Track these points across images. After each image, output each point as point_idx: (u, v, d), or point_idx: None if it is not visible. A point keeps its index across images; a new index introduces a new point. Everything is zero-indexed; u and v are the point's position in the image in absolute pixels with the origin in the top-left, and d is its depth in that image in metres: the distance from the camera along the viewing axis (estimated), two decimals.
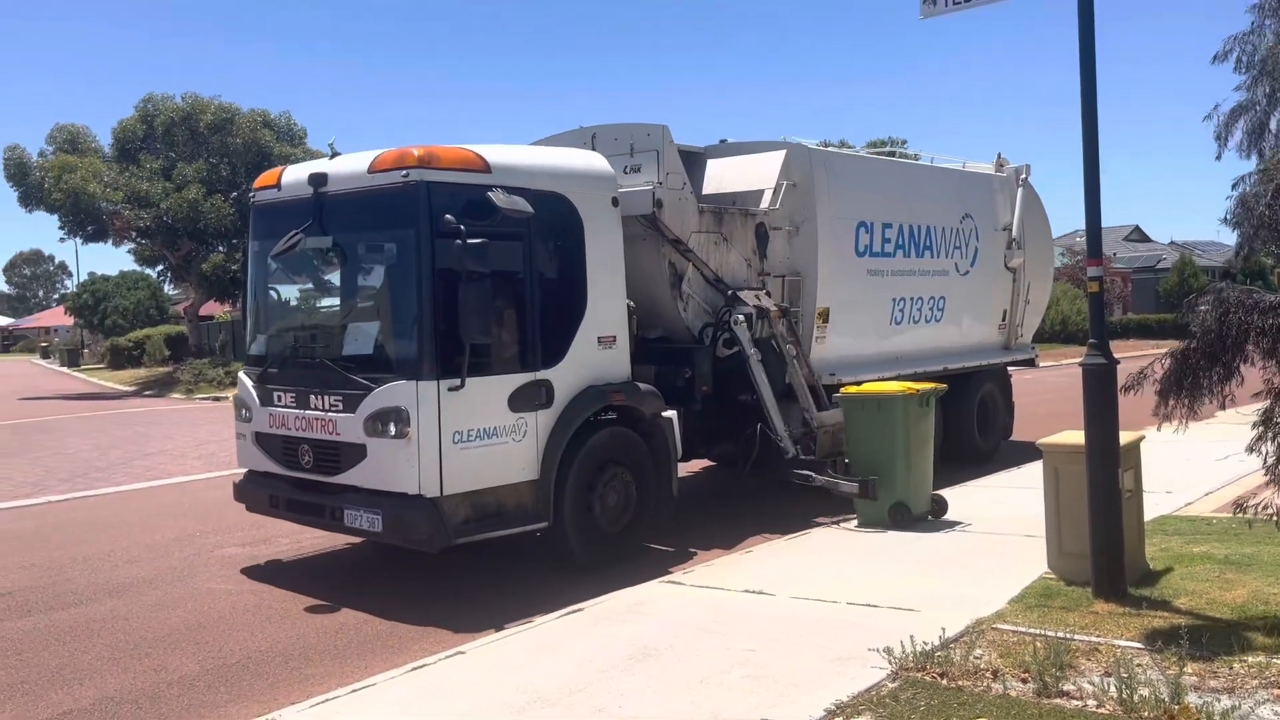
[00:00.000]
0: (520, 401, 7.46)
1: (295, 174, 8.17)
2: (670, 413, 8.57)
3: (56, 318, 78.22)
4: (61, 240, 35.20)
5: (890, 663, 5.26)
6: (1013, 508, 9.15)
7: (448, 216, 7.00)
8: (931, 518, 8.94)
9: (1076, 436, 6.54)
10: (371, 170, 7.38)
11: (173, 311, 52.28)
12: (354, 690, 5.44)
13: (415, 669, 5.73)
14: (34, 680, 6.12)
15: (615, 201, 8.33)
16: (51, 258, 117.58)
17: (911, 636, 5.42)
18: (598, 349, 8.07)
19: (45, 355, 63.88)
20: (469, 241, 6.88)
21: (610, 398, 8.08)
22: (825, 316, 10.27)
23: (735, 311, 9.33)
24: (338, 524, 7.54)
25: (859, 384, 9.87)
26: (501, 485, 7.40)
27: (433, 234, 7.04)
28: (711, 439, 9.81)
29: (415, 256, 7.15)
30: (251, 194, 8.70)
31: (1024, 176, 13.07)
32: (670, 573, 7.70)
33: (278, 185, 8.28)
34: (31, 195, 33.36)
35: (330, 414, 7.47)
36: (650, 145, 9.34)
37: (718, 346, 9.46)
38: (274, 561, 8.80)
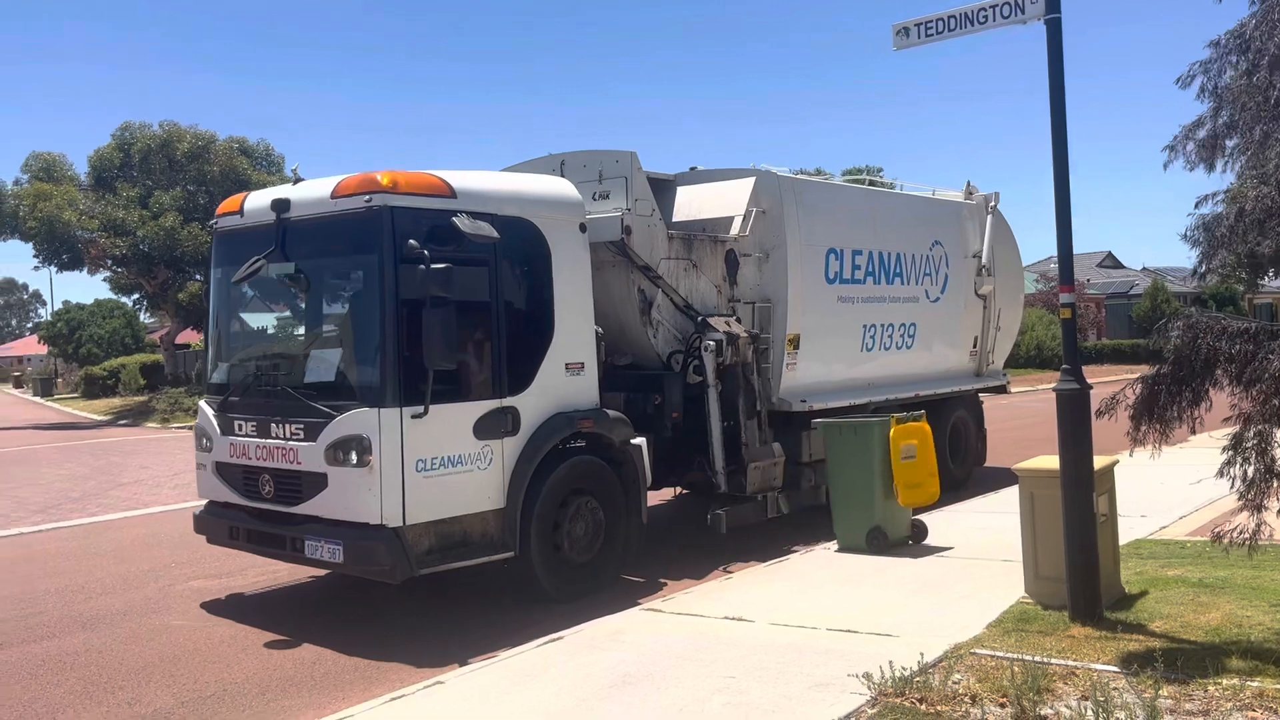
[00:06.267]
0: (486, 429, 7.36)
1: (258, 200, 8.07)
2: (640, 440, 8.46)
3: (30, 347, 77.44)
4: (36, 269, 35.15)
5: (869, 689, 5.27)
6: (989, 533, 9.20)
7: (411, 242, 6.92)
8: (911, 542, 8.97)
9: (1051, 461, 6.60)
10: (335, 195, 7.29)
11: (148, 340, 51.92)
12: None
13: (394, 699, 5.69)
14: (4, 716, 6.02)
15: (583, 227, 8.27)
16: (25, 286, 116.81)
17: (890, 662, 5.43)
18: (565, 376, 7.99)
19: (18, 385, 63.17)
20: (433, 267, 6.78)
21: (578, 425, 7.97)
22: (796, 343, 10.27)
23: (705, 338, 9.26)
24: (298, 555, 7.39)
25: (830, 410, 9.90)
26: (467, 514, 7.29)
27: (396, 259, 6.95)
28: (683, 467, 9.67)
29: (378, 282, 7.06)
30: (214, 220, 8.57)
31: (993, 204, 13.17)
32: (639, 603, 7.59)
33: (240, 211, 8.16)
34: (5, 223, 33.21)
35: (291, 443, 7.34)
36: (619, 172, 9.36)
37: (688, 373, 9.40)
38: (250, 593, 8.72)
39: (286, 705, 6.01)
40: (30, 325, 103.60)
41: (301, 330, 8.16)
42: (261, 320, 8.67)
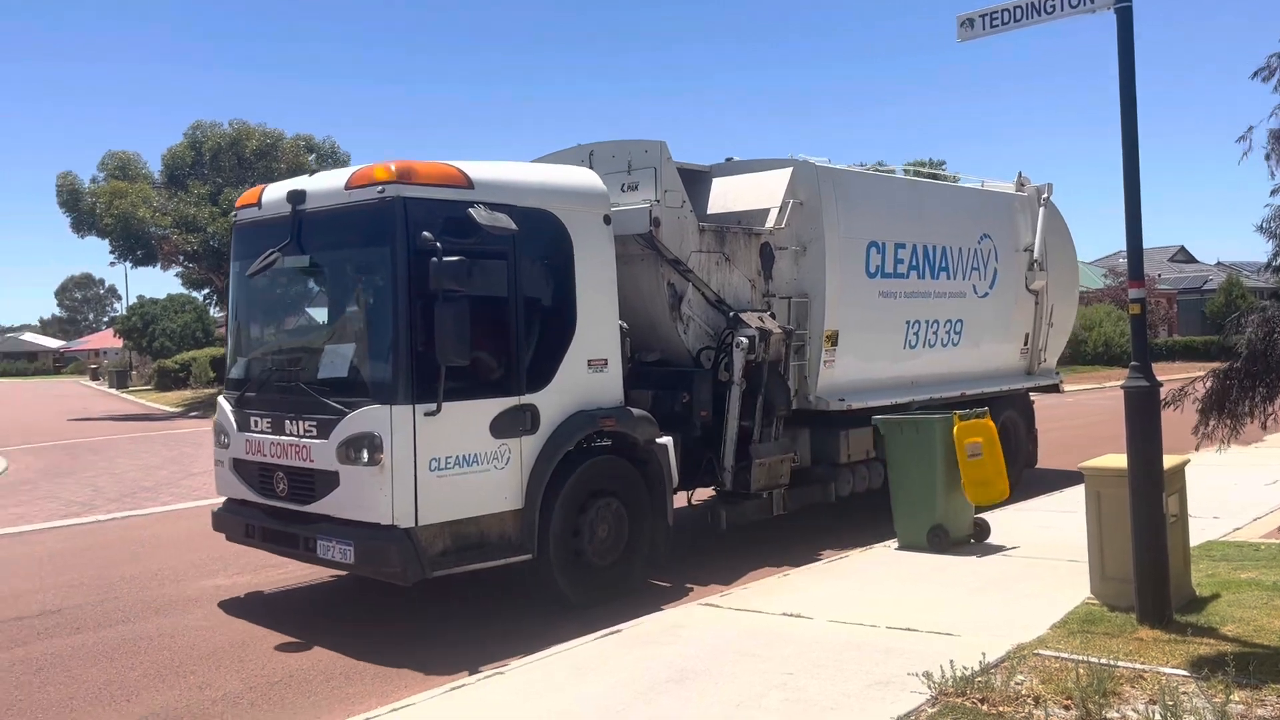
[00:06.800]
0: (503, 427, 7.15)
1: (275, 192, 7.89)
2: (665, 439, 8.20)
3: (106, 340, 79.75)
4: (111, 264, 36.05)
5: (930, 688, 5.22)
6: (1054, 532, 9.04)
7: (425, 233, 6.73)
8: (973, 541, 8.85)
9: (1119, 460, 6.46)
10: (348, 186, 7.12)
11: (218, 334, 53.06)
12: (394, 709, 5.49)
13: (454, 688, 5.78)
14: (82, 697, 6.24)
15: (607, 219, 8.01)
16: (101, 281, 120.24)
17: (951, 661, 5.37)
18: (588, 372, 7.74)
19: (95, 377, 65.11)
20: (446, 259, 6.61)
21: (600, 423, 7.72)
22: (834, 339, 9.93)
23: (737, 334, 8.92)
24: (311, 555, 7.24)
25: (869, 409, 9.68)
26: (483, 515, 7.08)
27: (409, 251, 6.75)
28: (712, 467, 9.14)
29: (391, 275, 6.86)
30: (233, 213, 8.49)
31: (1046, 196, 12.71)
32: (662, 609, 7.43)
33: (258, 204, 8.01)
34: (83, 221, 34.25)
35: (304, 440, 7.19)
36: (648, 162, 9.03)
37: (719, 370, 9.04)
38: (317, 581, 8.90)
39: (350, 692, 6.14)
40: (106, 319, 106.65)
41: (317, 325, 8.05)
42: (278, 315, 8.55)
